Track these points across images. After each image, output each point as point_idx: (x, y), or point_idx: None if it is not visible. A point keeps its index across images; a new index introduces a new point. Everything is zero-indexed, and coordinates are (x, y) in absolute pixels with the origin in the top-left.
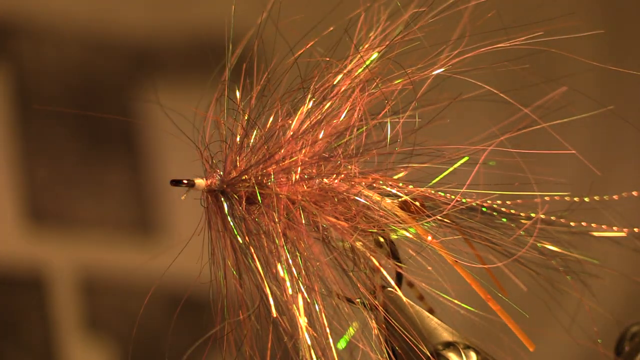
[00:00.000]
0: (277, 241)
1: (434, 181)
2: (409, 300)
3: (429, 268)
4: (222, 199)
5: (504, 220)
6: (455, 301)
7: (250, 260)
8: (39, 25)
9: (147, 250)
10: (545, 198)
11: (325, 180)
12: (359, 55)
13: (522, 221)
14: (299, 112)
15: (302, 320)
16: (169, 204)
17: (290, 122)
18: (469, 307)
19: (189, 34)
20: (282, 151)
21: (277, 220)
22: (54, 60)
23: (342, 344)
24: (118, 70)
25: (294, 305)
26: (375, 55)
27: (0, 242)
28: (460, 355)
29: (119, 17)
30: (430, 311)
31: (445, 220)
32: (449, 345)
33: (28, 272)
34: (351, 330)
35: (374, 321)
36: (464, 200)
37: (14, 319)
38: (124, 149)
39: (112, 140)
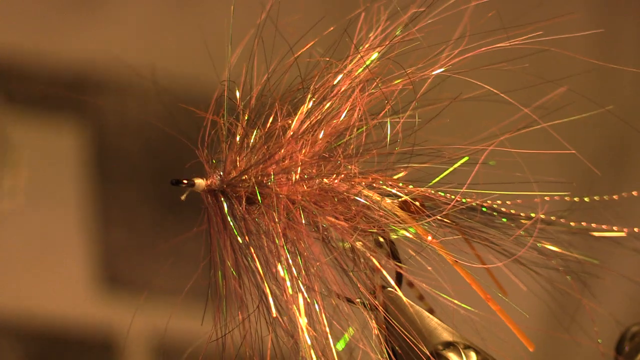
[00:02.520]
0: (277, 241)
1: (434, 181)
2: (409, 300)
3: (429, 268)
4: (222, 199)
5: (504, 220)
6: (455, 301)
7: (250, 260)
8: (121, 79)
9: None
10: (545, 198)
11: (325, 180)
12: (359, 55)
13: (522, 221)
14: (299, 112)
15: (302, 320)
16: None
17: (290, 122)
18: (469, 307)
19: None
20: (282, 151)
21: (277, 220)
22: (135, 115)
23: (340, 346)
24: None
25: (294, 305)
26: (375, 55)
27: (75, 306)
28: (460, 355)
29: (200, 72)
30: (430, 311)
31: (445, 220)
32: (449, 345)
33: (101, 337)
34: (350, 331)
35: (374, 321)
36: (464, 200)
37: None
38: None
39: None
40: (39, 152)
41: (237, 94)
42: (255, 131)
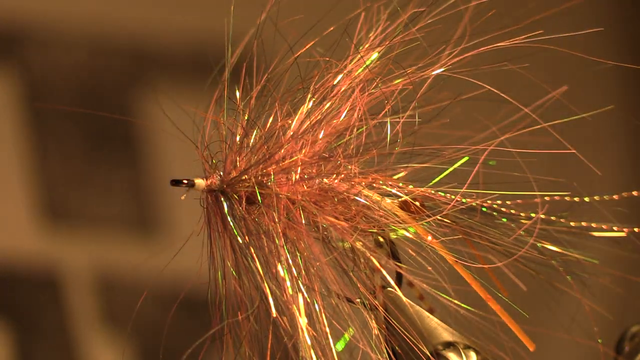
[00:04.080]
0: (277, 241)
1: (434, 181)
2: (409, 300)
3: (429, 268)
4: (222, 199)
5: (504, 220)
6: (455, 301)
7: (250, 260)
8: (46, 30)
9: (150, 248)
10: (545, 198)
11: (325, 180)
12: (359, 55)
13: (522, 221)
14: (299, 112)
15: (302, 320)
16: (170, 203)
17: (290, 122)
18: (469, 307)
19: (189, 36)
20: (282, 151)
21: (277, 220)
22: (61, 63)
23: (340, 346)
24: (121, 71)
25: (294, 305)
26: (375, 55)
27: (16, 240)
28: (460, 355)
29: (121, 19)
30: (430, 311)
31: (445, 220)
32: (449, 345)
33: (43, 268)
34: (350, 331)
35: (374, 321)
36: (464, 200)
37: (30, 315)
38: (127, 149)
39: (116, 140)
40: None
41: (237, 94)
42: (255, 131)
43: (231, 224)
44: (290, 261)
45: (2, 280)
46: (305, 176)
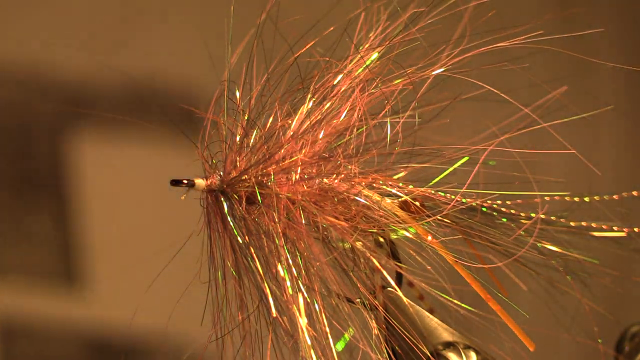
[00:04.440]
0: (277, 241)
1: (434, 181)
2: (409, 300)
3: (429, 268)
4: (222, 199)
5: (504, 220)
6: (455, 301)
7: (250, 260)
8: None
9: (69, 299)
10: (545, 198)
11: (325, 180)
12: (359, 55)
13: (522, 221)
14: (299, 112)
15: (302, 320)
16: (91, 253)
17: (290, 122)
18: (469, 307)
19: (125, 78)
20: (282, 151)
21: (277, 220)
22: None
23: (340, 346)
24: (49, 111)
25: (294, 305)
26: (375, 55)
27: None
28: (460, 355)
29: (53, 58)
30: (430, 311)
31: (445, 220)
32: (449, 345)
33: None
34: (350, 331)
35: (374, 321)
36: (464, 200)
37: None
38: (49, 195)
39: (38, 186)
40: None
41: (237, 94)
42: (255, 131)
43: (231, 224)
44: (290, 261)
45: None
46: (305, 176)
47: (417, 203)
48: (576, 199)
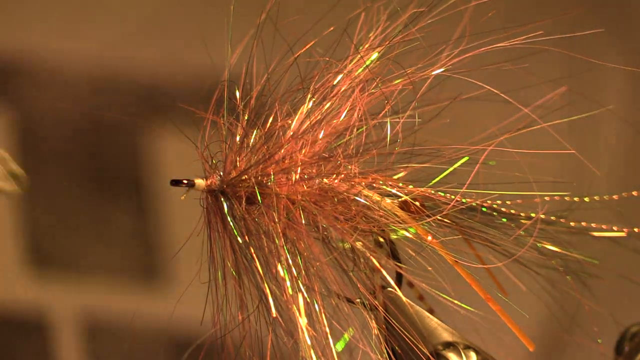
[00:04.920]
0: (277, 241)
1: (434, 181)
2: (409, 300)
3: (429, 268)
4: (222, 199)
5: (504, 220)
6: (455, 301)
7: (250, 260)
8: (42, 66)
9: (150, 296)
10: (545, 198)
11: (325, 180)
12: (359, 55)
13: (522, 221)
14: (299, 112)
15: (302, 320)
16: (174, 249)
17: (290, 122)
18: (469, 307)
19: (193, 74)
20: (282, 151)
21: (277, 220)
22: (57, 102)
23: (340, 346)
24: (124, 110)
25: (294, 305)
26: (375, 55)
27: (4, 288)
28: (460, 355)
29: (125, 56)
30: (430, 311)
31: (445, 220)
32: (449, 345)
33: (31, 317)
34: (350, 331)
35: (374, 321)
36: (464, 200)
37: None
38: (129, 191)
39: (118, 182)
40: None
41: (237, 94)
42: (255, 131)
43: (231, 224)
44: (290, 261)
45: None
46: (305, 176)
47: (417, 203)
48: (576, 199)
